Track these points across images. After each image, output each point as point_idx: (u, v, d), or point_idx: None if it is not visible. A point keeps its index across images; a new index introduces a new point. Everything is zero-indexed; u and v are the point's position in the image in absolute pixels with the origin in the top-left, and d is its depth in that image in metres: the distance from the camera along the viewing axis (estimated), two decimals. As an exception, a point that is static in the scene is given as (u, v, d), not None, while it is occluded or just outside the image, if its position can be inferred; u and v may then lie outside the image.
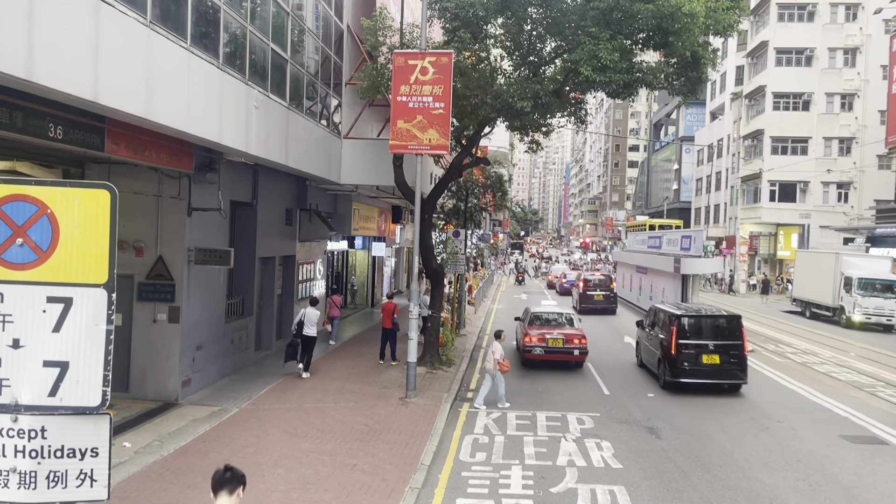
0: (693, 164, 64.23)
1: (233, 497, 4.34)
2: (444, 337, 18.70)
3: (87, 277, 4.25)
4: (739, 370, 15.42)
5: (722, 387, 15.57)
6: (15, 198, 4.23)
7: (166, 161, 11.26)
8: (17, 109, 7.76)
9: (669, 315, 16.25)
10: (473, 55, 16.38)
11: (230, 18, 11.47)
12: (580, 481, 9.58)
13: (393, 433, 11.41)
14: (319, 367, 16.41)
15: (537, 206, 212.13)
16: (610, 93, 15.72)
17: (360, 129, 19.23)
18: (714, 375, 15.39)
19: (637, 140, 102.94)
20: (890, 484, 9.82)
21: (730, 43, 52.61)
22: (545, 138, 21.77)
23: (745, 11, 16.36)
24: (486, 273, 48.14)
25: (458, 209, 25.93)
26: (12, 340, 4.23)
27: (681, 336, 15.43)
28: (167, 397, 12.68)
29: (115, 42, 8.11)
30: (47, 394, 4.25)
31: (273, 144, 13.29)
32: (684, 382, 15.33)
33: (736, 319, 15.97)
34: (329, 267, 23.89)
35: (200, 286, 13.40)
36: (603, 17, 14.80)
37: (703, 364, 15.29)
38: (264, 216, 16.53)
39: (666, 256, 28.92)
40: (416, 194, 14.52)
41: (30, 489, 4.24)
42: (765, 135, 47.35)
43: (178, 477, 9.13)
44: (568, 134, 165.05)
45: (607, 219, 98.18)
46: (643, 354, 18.45)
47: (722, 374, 15.42)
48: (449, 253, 21.68)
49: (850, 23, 46.08)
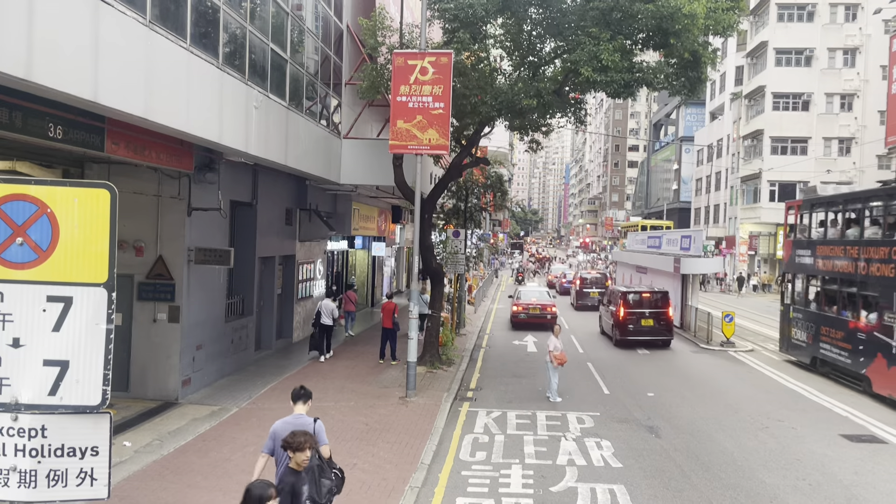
0: (693, 164, 64.24)
1: (305, 406, 6.64)
2: (444, 336, 18.71)
3: (87, 277, 4.26)
4: (667, 331, 22.06)
5: (656, 342, 21.87)
6: (15, 197, 4.23)
7: (166, 161, 11.27)
8: (16, 109, 7.76)
9: (619, 292, 22.89)
10: (473, 55, 16.39)
11: (230, 18, 11.47)
12: (580, 480, 9.59)
13: (393, 432, 11.42)
14: (319, 367, 16.42)
15: (537, 206, 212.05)
16: (610, 93, 15.74)
17: (360, 129, 19.24)
18: (649, 334, 21.90)
19: (637, 140, 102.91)
20: (890, 483, 9.82)
21: (729, 43, 52.61)
22: (545, 138, 21.82)
23: (744, 12, 16.40)
24: (486, 273, 48.15)
25: (458, 209, 25.91)
26: (12, 339, 4.24)
27: (626, 307, 22.05)
28: (167, 397, 12.68)
29: (115, 42, 8.11)
30: (47, 393, 4.26)
31: (273, 144, 13.30)
32: (629, 339, 21.81)
33: (664, 294, 22.71)
34: (329, 267, 23.90)
35: (200, 286, 13.41)
36: (603, 18, 14.80)
37: (642, 326, 21.89)
38: (264, 216, 16.53)
39: (666, 256, 28.92)
40: (416, 194, 14.52)
41: (30, 488, 4.25)
42: (764, 135, 47.36)
43: (178, 476, 9.14)
44: (568, 134, 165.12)
45: (607, 219, 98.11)
46: (602, 325, 25.15)
47: (655, 332, 21.92)
48: (449, 253, 21.70)
49: (850, 23, 46.09)
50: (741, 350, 21.84)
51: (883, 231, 15.36)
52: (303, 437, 5.60)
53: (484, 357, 19.66)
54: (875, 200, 16.22)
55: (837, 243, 17.21)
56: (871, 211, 16.32)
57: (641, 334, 21.80)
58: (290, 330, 19.40)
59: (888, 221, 15.18)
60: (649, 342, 21.83)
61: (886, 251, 14.76)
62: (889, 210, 15.26)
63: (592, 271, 41.74)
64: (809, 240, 18.99)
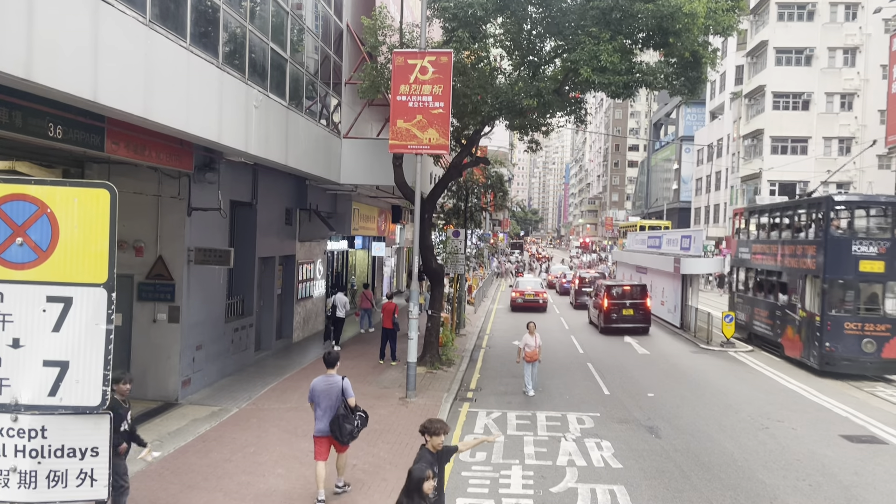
0: (693, 164, 64.19)
1: (334, 368, 8.72)
2: (444, 337, 18.70)
3: (87, 277, 4.25)
4: (645, 319, 25.38)
5: (637, 329, 24.89)
6: (15, 197, 4.22)
7: (166, 161, 11.26)
8: (16, 109, 7.76)
9: (604, 286, 26.34)
10: (473, 54, 16.38)
11: (230, 18, 11.46)
12: (580, 481, 9.58)
13: (393, 433, 11.41)
14: (320, 367, 16.35)
15: (537, 205, 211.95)
16: (610, 93, 15.73)
17: (360, 128, 19.23)
18: (629, 321, 24.97)
19: (637, 140, 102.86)
20: (890, 483, 9.82)
21: (730, 42, 52.56)
22: (545, 138, 21.81)
23: (744, 11, 16.41)
24: (486, 273, 48.13)
25: (458, 209, 25.93)
26: (12, 340, 4.23)
27: (609, 298, 25.28)
28: (167, 397, 12.67)
29: (115, 41, 8.10)
30: (47, 393, 4.25)
31: (273, 144, 13.29)
32: (612, 327, 24.91)
33: (643, 287, 26.41)
34: (329, 267, 23.89)
35: (200, 286, 13.39)
36: (603, 17, 14.79)
37: (624, 315, 25.02)
38: (264, 216, 16.52)
39: (666, 256, 28.91)
40: (416, 194, 14.51)
41: (30, 488, 4.24)
42: (764, 134, 47.34)
43: (177, 476, 9.13)
44: (568, 134, 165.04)
45: (607, 218, 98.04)
46: (590, 315, 28.55)
47: (634, 321, 25.04)
48: (449, 252, 21.69)
49: (850, 22, 46.04)
50: (741, 350, 21.84)
51: (792, 233, 20.63)
52: (438, 423, 6.49)
53: (484, 357, 19.65)
54: (789, 209, 21.51)
55: (766, 242, 22.47)
56: (787, 218, 21.36)
57: (623, 322, 24.98)
58: (290, 330, 19.39)
59: (796, 226, 20.57)
60: (630, 329, 24.94)
61: (793, 248, 19.96)
62: (796, 217, 20.72)
63: (591, 271, 41.88)
64: (748, 240, 24.01)
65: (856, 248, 17.76)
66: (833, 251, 17.96)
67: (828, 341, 17.70)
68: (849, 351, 17.60)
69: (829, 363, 17.74)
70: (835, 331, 17.74)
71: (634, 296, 25.53)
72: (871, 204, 19.52)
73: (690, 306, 25.66)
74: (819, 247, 18.34)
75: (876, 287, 17.92)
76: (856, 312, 17.81)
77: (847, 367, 17.67)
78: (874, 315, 17.76)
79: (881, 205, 19.16)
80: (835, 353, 17.69)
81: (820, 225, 18.59)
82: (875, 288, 17.95)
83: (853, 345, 17.58)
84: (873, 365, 17.66)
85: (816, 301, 18.24)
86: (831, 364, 17.72)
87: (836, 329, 17.73)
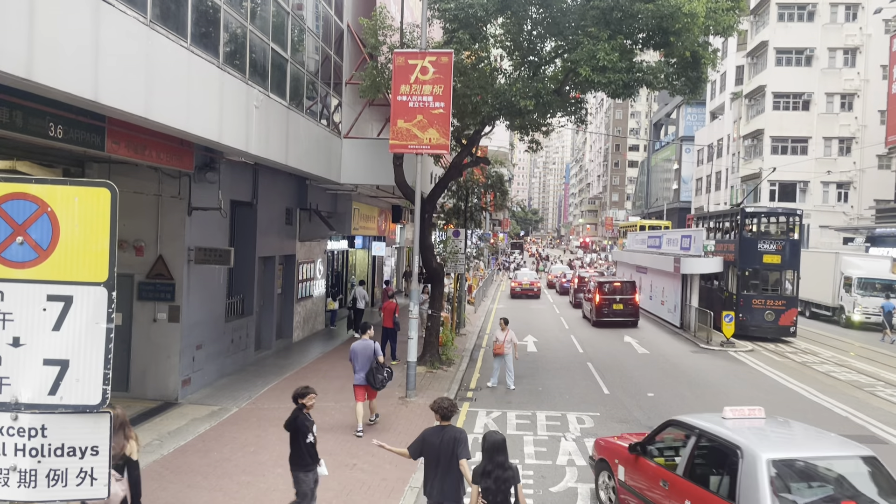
0: (693, 164, 64.17)
1: (367, 334, 11.53)
2: (444, 336, 18.70)
3: (88, 276, 4.25)
4: (634, 313, 27.59)
5: (626, 322, 27.06)
6: (15, 196, 4.22)
7: (166, 160, 11.26)
8: (17, 109, 7.76)
9: (596, 282, 28.78)
10: (473, 55, 16.38)
11: (230, 18, 11.47)
12: (580, 481, 9.59)
13: (393, 432, 11.41)
14: (320, 367, 16.42)
15: (537, 205, 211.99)
16: (610, 93, 15.75)
17: (361, 128, 19.23)
18: (620, 315, 27.18)
19: (637, 140, 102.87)
20: (890, 483, 9.81)
21: (730, 43, 52.54)
22: (545, 138, 21.81)
23: (745, 12, 16.42)
24: (486, 273, 48.13)
25: (458, 209, 25.95)
26: (12, 339, 4.22)
27: (602, 294, 27.56)
28: (167, 396, 12.68)
29: (116, 41, 8.10)
30: (47, 392, 4.24)
31: (273, 144, 13.29)
32: (604, 321, 27.07)
33: (632, 283, 28.78)
34: (329, 266, 23.90)
35: (200, 285, 13.40)
36: (603, 17, 14.80)
37: (614, 309, 27.21)
38: (264, 215, 16.53)
39: (666, 256, 28.91)
40: (416, 194, 14.52)
41: (30, 488, 4.24)
42: (765, 134, 47.33)
43: (177, 476, 9.14)
44: (568, 134, 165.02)
45: (607, 218, 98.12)
46: (584, 310, 30.85)
47: (624, 314, 27.24)
48: (449, 252, 21.70)
49: (850, 23, 46.03)
50: (741, 350, 21.85)
51: (721, 234, 27.93)
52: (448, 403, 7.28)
53: (484, 357, 19.64)
54: (719, 218, 29.26)
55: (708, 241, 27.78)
56: (718, 223, 29.07)
57: (613, 315, 27.13)
58: (290, 330, 19.40)
59: (723, 229, 28.01)
60: (620, 322, 27.07)
61: (722, 246, 26.66)
62: (723, 223, 28.29)
63: (590, 270, 42.03)
64: None
65: (761, 246, 24.48)
66: (745, 248, 24.63)
67: (741, 313, 23.87)
68: (756, 320, 24.15)
69: (741, 329, 23.45)
70: (746, 305, 24.21)
71: (625, 291, 27.78)
72: (771, 213, 27.03)
73: (690, 306, 25.68)
74: (736, 245, 25.03)
75: (775, 274, 24.68)
76: (761, 292, 24.34)
77: (755, 331, 23.98)
78: (774, 294, 24.40)
79: (779, 214, 26.54)
80: (746, 321, 23.97)
81: (736, 229, 25.40)
82: (775, 275, 24.69)
83: (759, 315, 24.12)
84: (772, 329, 24.16)
85: (734, 284, 24.70)
86: (743, 329, 23.60)
87: (747, 304, 24.22)
